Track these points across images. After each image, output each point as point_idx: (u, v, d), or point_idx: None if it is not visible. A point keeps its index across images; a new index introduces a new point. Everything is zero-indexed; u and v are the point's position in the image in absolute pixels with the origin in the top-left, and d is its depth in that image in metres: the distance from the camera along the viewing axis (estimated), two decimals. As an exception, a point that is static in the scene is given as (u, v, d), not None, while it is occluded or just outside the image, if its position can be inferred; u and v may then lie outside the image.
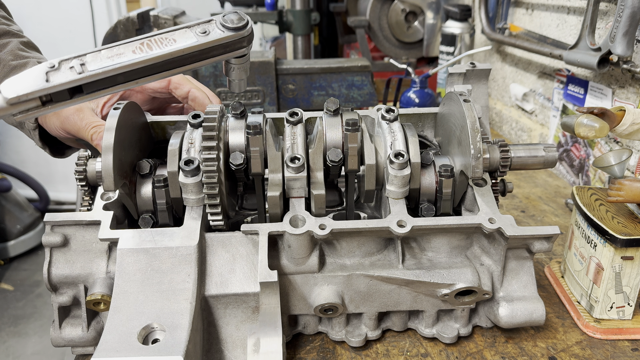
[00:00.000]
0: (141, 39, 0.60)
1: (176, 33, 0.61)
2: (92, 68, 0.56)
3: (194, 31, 0.61)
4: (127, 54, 0.58)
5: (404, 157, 0.75)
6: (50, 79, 0.54)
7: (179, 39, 0.60)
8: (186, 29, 0.62)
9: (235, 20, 0.61)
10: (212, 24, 0.62)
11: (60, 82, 0.54)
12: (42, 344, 2.74)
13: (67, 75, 0.55)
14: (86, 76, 0.55)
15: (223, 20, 0.61)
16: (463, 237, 0.78)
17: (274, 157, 0.77)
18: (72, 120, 0.81)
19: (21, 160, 3.90)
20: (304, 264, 0.74)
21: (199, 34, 0.61)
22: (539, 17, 1.58)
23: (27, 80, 0.53)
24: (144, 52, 0.58)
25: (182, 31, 0.62)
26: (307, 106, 1.65)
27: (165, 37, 0.60)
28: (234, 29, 0.61)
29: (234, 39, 0.62)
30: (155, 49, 0.59)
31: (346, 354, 0.80)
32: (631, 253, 0.78)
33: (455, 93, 0.81)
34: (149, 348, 0.63)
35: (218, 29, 0.61)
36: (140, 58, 0.58)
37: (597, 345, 0.81)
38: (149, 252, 0.71)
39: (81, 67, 0.56)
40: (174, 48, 0.60)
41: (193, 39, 0.61)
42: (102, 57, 0.57)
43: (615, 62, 1.13)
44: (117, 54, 0.58)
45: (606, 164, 0.82)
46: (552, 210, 1.26)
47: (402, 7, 2.21)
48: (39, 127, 0.88)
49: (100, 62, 0.57)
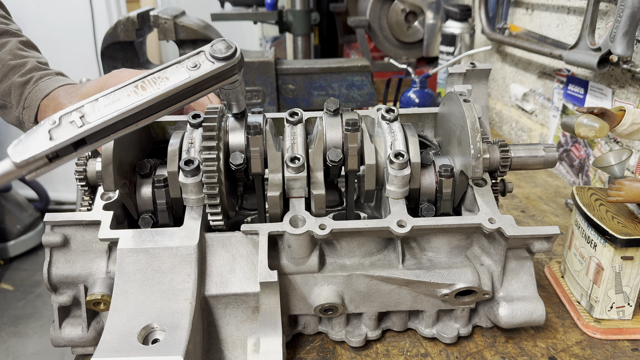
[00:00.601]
0: (135, 81, 0.61)
1: (168, 70, 0.62)
2: (92, 120, 0.57)
3: (184, 66, 0.62)
4: (122, 99, 0.59)
5: (404, 157, 0.75)
6: (53, 137, 0.55)
7: (172, 77, 0.61)
8: (177, 65, 0.62)
9: (223, 49, 0.62)
10: (202, 56, 0.63)
11: (64, 140, 0.55)
12: (42, 344, 2.74)
13: (69, 130, 0.56)
14: (87, 129, 0.57)
15: (212, 51, 0.62)
16: (463, 237, 0.78)
17: (274, 157, 0.77)
18: None
19: (21, 160, 3.89)
20: (304, 264, 0.74)
21: (190, 68, 0.62)
22: (539, 17, 1.58)
23: (32, 141, 0.55)
24: (139, 96, 0.60)
25: (173, 68, 0.62)
26: (307, 106, 1.65)
27: (158, 77, 0.61)
28: (223, 58, 0.62)
29: (225, 68, 0.63)
30: (150, 90, 0.60)
31: (346, 354, 0.80)
32: (631, 253, 0.78)
33: (455, 93, 0.81)
34: (149, 348, 0.63)
35: (208, 60, 0.62)
36: (136, 102, 0.59)
37: (597, 345, 0.81)
38: (149, 252, 0.71)
39: (81, 120, 0.57)
40: (167, 87, 0.61)
41: (185, 74, 0.62)
42: (100, 106, 0.58)
43: (615, 62, 1.13)
44: (113, 101, 0.59)
45: (606, 164, 0.82)
46: (552, 210, 1.26)
47: (402, 7, 2.21)
48: None
49: (99, 111, 0.58)
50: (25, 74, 0.88)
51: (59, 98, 0.84)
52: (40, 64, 0.92)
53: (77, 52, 3.59)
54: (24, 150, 0.54)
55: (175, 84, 0.61)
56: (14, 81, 0.88)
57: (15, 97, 0.88)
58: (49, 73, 0.90)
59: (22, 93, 0.87)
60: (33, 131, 0.55)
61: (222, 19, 2.34)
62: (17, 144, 0.54)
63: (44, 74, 0.89)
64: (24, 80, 0.87)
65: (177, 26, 1.54)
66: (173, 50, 4.09)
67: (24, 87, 0.87)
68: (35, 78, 0.88)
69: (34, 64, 0.91)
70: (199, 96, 0.64)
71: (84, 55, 3.63)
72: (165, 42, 3.83)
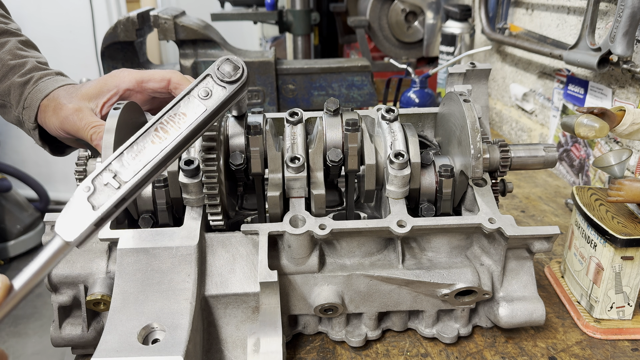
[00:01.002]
0: (152, 124, 0.60)
1: (182, 105, 0.62)
2: (127, 178, 0.57)
3: (197, 96, 0.62)
4: (148, 147, 0.59)
5: (404, 157, 0.75)
6: (95, 205, 0.55)
7: (188, 112, 0.61)
8: (188, 97, 0.62)
9: (231, 72, 0.62)
10: (210, 81, 0.63)
11: (108, 207, 0.56)
12: (42, 344, 2.74)
13: (108, 194, 0.56)
14: (126, 190, 0.57)
15: (220, 75, 0.62)
16: (463, 237, 0.78)
17: (274, 157, 0.77)
18: (71, 121, 0.80)
19: (21, 160, 3.89)
20: (304, 264, 0.74)
21: (202, 98, 0.62)
22: (539, 17, 1.58)
23: (76, 215, 0.54)
24: (163, 140, 0.60)
25: (186, 100, 0.62)
26: (307, 106, 1.65)
27: (175, 114, 0.61)
28: (233, 82, 0.62)
29: (236, 90, 0.63)
30: (172, 132, 0.60)
31: (346, 354, 0.80)
32: (631, 253, 0.78)
33: (455, 93, 0.81)
34: (149, 348, 0.63)
35: (218, 85, 0.62)
36: (164, 149, 0.59)
37: (597, 345, 0.81)
38: (149, 252, 0.71)
39: (116, 180, 0.57)
40: (188, 125, 0.61)
41: (201, 107, 0.62)
42: (128, 160, 0.58)
43: (615, 62, 1.13)
44: (139, 151, 0.59)
45: (606, 164, 0.82)
46: (552, 210, 1.26)
47: (402, 7, 2.21)
48: (38, 126, 0.88)
49: (130, 167, 0.58)
50: (25, 74, 0.88)
51: (59, 98, 0.83)
52: (40, 64, 0.92)
53: (77, 52, 3.59)
54: (73, 227, 0.54)
55: (196, 120, 0.61)
56: (14, 81, 0.88)
57: (15, 97, 0.88)
58: (48, 73, 0.90)
59: (22, 93, 0.87)
60: (72, 205, 0.55)
61: (222, 19, 2.34)
62: (62, 221, 0.54)
63: (43, 74, 0.89)
64: (23, 80, 0.87)
65: (177, 26, 1.54)
66: (173, 50, 4.09)
67: (23, 87, 0.87)
68: (35, 78, 0.87)
69: (34, 64, 0.90)
70: (215, 120, 0.64)
71: (84, 55, 3.63)
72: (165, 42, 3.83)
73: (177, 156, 0.62)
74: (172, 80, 0.80)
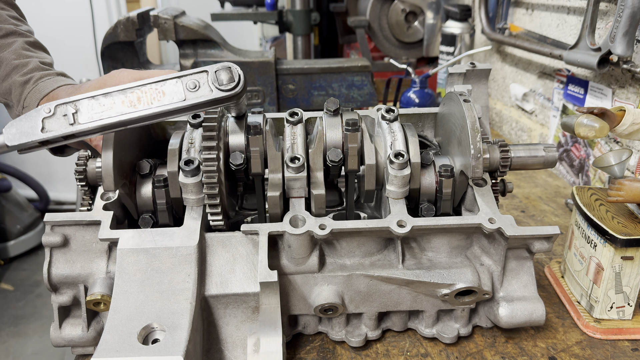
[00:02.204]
0: (133, 87, 0.62)
1: (166, 84, 0.62)
2: (83, 121, 0.60)
3: (184, 84, 0.62)
4: (117, 106, 0.61)
5: (404, 157, 0.75)
6: (45, 127, 0.59)
7: (168, 94, 0.62)
8: (177, 80, 0.63)
9: (225, 80, 0.63)
10: (204, 77, 0.63)
11: (53, 135, 0.59)
12: (42, 344, 2.74)
13: (60, 124, 0.60)
14: (76, 130, 0.60)
15: (214, 78, 0.62)
16: (463, 237, 0.78)
17: (274, 157, 0.77)
18: None
19: (21, 160, 3.89)
20: (304, 264, 0.74)
21: (188, 88, 0.62)
22: (539, 17, 1.58)
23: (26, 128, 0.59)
24: (131, 107, 0.61)
25: (172, 82, 0.63)
26: (307, 106, 1.65)
27: (155, 89, 0.62)
28: (223, 90, 0.63)
29: (222, 98, 0.63)
30: (144, 103, 0.62)
31: (346, 354, 0.80)
32: (631, 253, 0.78)
33: (455, 93, 0.81)
34: (149, 348, 0.63)
35: (208, 85, 0.63)
36: (127, 114, 0.61)
37: (597, 345, 0.81)
38: (149, 252, 0.71)
39: (73, 117, 0.60)
40: (162, 105, 0.62)
41: (181, 95, 0.62)
42: (94, 106, 0.61)
43: (615, 62, 1.13)
44: (108, 106, 0.61)
45: (606, 164, 0.82)
46: (552, 210, 1.26)
47: (402, 7, 2.21)
48: None
49: (92, 113, 0.60)
50: (26, 74, 0.89)
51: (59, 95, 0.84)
52: (43, 64, 0.92)
53: (77, 52, 3.59)
54: (18, 136, 0.58)
55: (169, 104, 0.62)
56: (15, 80, 0.88)
57: (15, 96, 0.88)
58: (49, 73, 0.90)
59: (22, 92, 0.87)
60: (29, 117, 0.59)
61: (222, 19, 2.34)
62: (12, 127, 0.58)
63: (44, 74, 0.89)
64: (24, 79, 0.88)
65: (177, 26, 1.54)
66: (173, 50, 4.09)
67: (24, 86, 0.87)
68: (35, 78, 0.88)
69: (36, 64, 0.91)
70: (191, 113, 0.65)
71: (84, 55, 3.63)
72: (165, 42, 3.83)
73: (133, 126, 0.63)
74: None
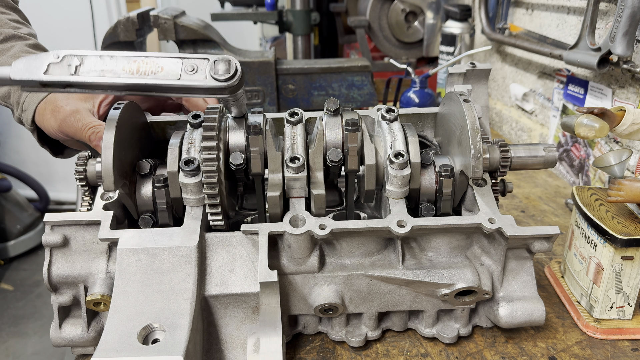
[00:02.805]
0: (136, 56, 0.63)
1: (166, 61, 0.64)
2: (83, 73, 0.62)
3: (183, 65, 0.64)
4: (117, 69, 0.63)
5: (404, 157, 0.75)
6: (48, 71, 0.61)
7: (166, 70, 0.63)
8: (177, 60, 0.64)
9: (221, 71, 0.63)
10: (204, 64, 0.64)
11: (53, 79, 0.61)
12: (42, 344, 2.74)
13: (62, 71, 0.62)
14: (75, 80, 0.62)
15: (212, 66, 0.63)
16: (463, 237, 0.78)
17: (274, 157, 0.77)
18: (69, 123, 0.81)
19: (21, 160, 3.90)
20: (304, 264, 0.74)
21: (186, 70, 0.64)
22: (539, 17, 1.58)
23: (32, 67, 0.61)
24: (128, 73, 0.63)
25: (172, 61, 0.64)
26: (307, 106, 1.65)
27: (156, 63, 0.64)
28: (217, 80, 0.63)
29: (215, 87, 0.64)
30: (141, 73, 0.63)
31: (346, 354, 0.80)
32: (631, 253, 0.78)
33: (455, 93, 0.81)
34: (149, 348, 0.63)
35: (205, 72, 0.64)
36: (124, 79, 0.63)
37: (597, 345, 0.81)
38: (149, 252, 0.71)
39: (76, 68, 0.62)
40: (154, 78, 0.63)
41: (177, 75, 0.64)
42: (98, 64, 0.62)
43: (615, 62, 1.13)
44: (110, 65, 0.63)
45: (606, 164, 0.82)
46: (552, 210, 1.26)
47: (402, 7, 2.21)
48: (37, 128, 0.88)
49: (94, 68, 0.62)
50: None
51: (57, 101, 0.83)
52: None
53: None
54: (22, 72, 0.61)
55: (162, 80, 0.63)
56: None
57: (14, 100, 0.88)
58: None
59: (20, 96, 0.87)
60: (38, 57, 0.62)
61: (222, 19, 2.33)
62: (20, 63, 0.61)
63: None
64: None
65: (177, 26, 1.54)
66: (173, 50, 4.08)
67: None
68: None
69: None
70: (184, 96, 0.66)
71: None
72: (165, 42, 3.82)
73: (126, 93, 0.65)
74: None
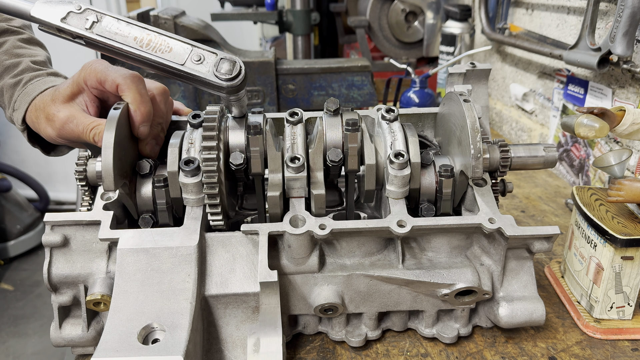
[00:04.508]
0: (152, 31, 0.66)
1: (177, 44, 0.66)
2: (97, 32, 0.65)
3: (192, 53, 0.66)
4: (129, 38, 0.65)
5: (404, 157, 0.75)
6: (66, 20, 0.64)
7: (174, 52, 0.66)
8: (188, 46, 0.66)
9: (224, 70, 0.65)
10: (211, 57, 0.66)
11: (68, 28, 0.64)
12: (42, 344, 2.74)
13: (78, 23, 0.64)
14: (88, 36, 0.65)
15: (217, 63, 0.65)
16: (463, 237, 0.78)
17: (274, 157, 0.77)
18: (68, 130, 0.78)
19: (21, 160, 3.89)
20: (304, 264, 0.74)
21: (192, 58, 0.66)
22: (539, 17, 1.58)
23: (53, 10, 0.64)
24: (138, 44, 0.65)
25: (182, 45, 0.66)
26: (307, 106, 1.65)
27: (166, 42, 0.66)
28: (217, 77, 0.65)
29: (214, 84, 0.65)
30: (150, 49, 0.65)
31: (346, 354, 0.80)
32: (631, 253, 0.78)
33: (455, 93, 0.81)
34: (149, 348, 0.63)
35: (209, 66, 0.65)
36: (133, 49, 0.65)
37: (597, 345, 0.81)
38: (149, 252, 0.71)
39: (92, 24, 0.65)
40: (160, 58, 0.65)
41: (182, 59, 0.66)
42: (114, 27, 0.65)
43: (615, 62, 1.13)
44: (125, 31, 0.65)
45: (606, 164, 0.82)
46: (552, 210, 1.26)
47: (402, 7, 2.21)
48: (27, 128, 0.87)
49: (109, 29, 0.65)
50: (17, 75, 0.88)
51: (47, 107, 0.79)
52: (35, 64, 0.91)
53: (77, 52, 3.58)
54: (43, 12, 0.64)
55: (167, 61, 0.65)
56: (6, 82, 0.87)
57: (7, 98, 0.88)
58: (39, 74, 0.88)
59: (12, 95, 0.86)
60: (63, 2, 0.64)
61: (222, 19, 2.34)
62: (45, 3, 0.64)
63: (34, 75, 0.87)
64: (14, 81, 0.87)
65: (177, 26, 1.54)
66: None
67: (14, 88, 0.86)
68: (25, 80, 0.86)
69: (27, 65, 0.89)
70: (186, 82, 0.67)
71: (84, 55, 3.62)
72: (165, 42, 3.82)
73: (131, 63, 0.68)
74: (120, 86, 0.77)
